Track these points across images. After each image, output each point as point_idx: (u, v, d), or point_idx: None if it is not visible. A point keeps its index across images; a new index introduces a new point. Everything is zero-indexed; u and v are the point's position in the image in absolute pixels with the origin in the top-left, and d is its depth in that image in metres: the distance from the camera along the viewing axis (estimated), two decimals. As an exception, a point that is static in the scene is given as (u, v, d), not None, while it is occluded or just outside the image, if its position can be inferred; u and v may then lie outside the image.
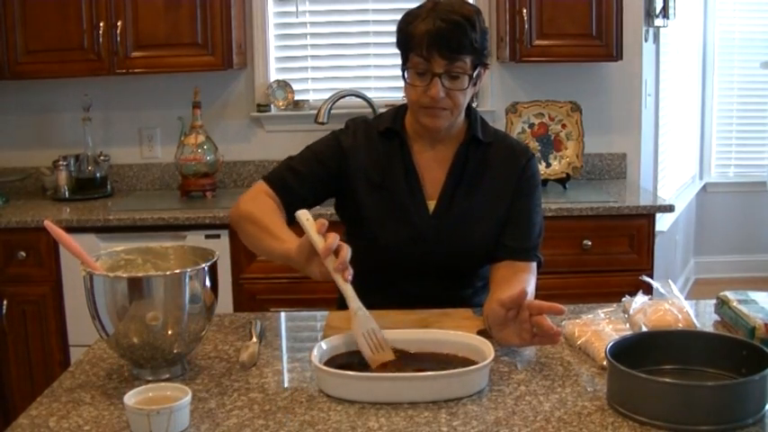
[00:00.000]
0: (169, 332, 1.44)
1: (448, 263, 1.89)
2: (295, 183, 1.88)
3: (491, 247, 1.88)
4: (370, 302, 1.72)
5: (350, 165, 1.90)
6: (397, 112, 1.95)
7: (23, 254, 3.09)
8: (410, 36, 1.78)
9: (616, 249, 3.08)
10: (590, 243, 3.07)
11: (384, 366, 1.48)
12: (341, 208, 1.99)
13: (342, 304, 1.95)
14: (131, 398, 1.27)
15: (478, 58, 1.80)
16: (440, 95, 1.77)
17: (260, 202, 1.83)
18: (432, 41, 1.74)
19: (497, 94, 3.65)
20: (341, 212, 2.00)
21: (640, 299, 1.70)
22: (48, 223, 1.52)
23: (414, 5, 1.84)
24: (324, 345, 1.50)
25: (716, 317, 1.74)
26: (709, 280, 5.31)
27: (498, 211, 1.89)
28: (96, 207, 3.31)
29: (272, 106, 3.65)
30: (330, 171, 1.91)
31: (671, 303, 1.66)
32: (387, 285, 1.88)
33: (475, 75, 1.80)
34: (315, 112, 3.47)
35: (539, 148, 3.44)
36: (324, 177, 1.91)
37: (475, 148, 1.91)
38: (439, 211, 1.88)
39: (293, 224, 1.80)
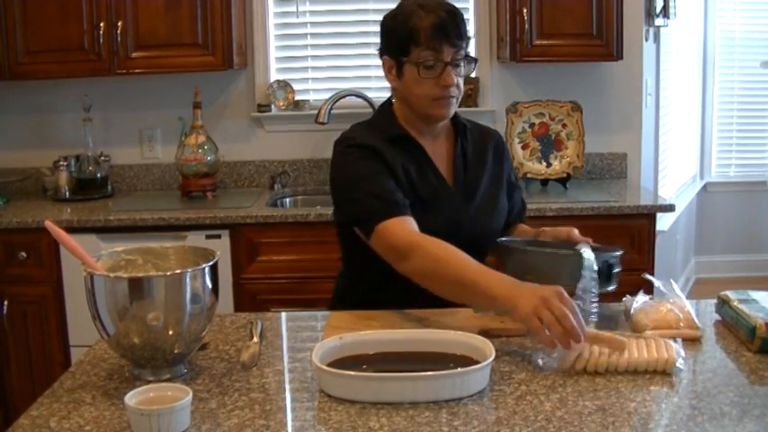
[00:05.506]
0: (170, 332, 1.44)
1: (476, 243, 1.84)
2: (400, 193, 1.80)
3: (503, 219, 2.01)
4: (394, 300, 1.80)
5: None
6: (386, 121, 1.93)
7: (24, 254, 3.09)
8: (414, 32, 1.80)
9: (617, 249, 3.08)
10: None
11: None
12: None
13: (335, 304, 1.96)
14: (132, 398, 1.27)
15: (468, 46, 1.88)
16: (455, 82, 1.83)
17: (428, 241, 1.70)
18: (439, 33, 1.79)
19: (498, 94, 3.65)
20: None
21: (641, 298, 1.70)
22: (48, 224, 1.52)
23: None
24: (325, 345, 1.50)
25: (716, 316, 1.74)
26: (710, 279, 5.31)
27: (501, 185, 2.02)
28: (97, 207, 3.31)
29: (272, 106, 3.66)
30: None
31: (672, 303, 1.66)
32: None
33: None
34: (315, 112, 3.47)
35: (539, 147, 3.44)
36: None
37: (463, 135, 1.99)
38: (465, 197, 1.94)
39: None
